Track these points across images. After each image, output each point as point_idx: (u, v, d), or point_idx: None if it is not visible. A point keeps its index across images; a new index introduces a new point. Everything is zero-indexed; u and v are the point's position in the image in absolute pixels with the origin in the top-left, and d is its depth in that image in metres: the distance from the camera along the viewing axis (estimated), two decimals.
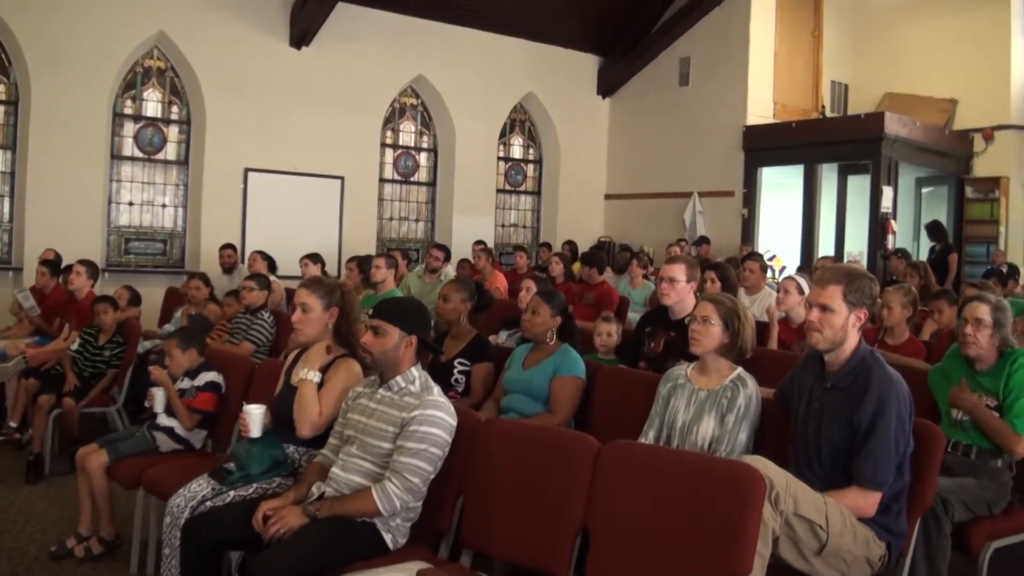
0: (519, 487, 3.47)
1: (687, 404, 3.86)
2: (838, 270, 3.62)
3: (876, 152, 12.89)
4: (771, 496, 3.07)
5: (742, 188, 14.39)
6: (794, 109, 15.02)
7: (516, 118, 16.13)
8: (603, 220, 16.74)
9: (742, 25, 14.40)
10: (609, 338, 5.83)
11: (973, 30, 14.43)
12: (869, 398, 3.33)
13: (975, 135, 14.39)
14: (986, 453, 4.21)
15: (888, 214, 13.02)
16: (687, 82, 15.39)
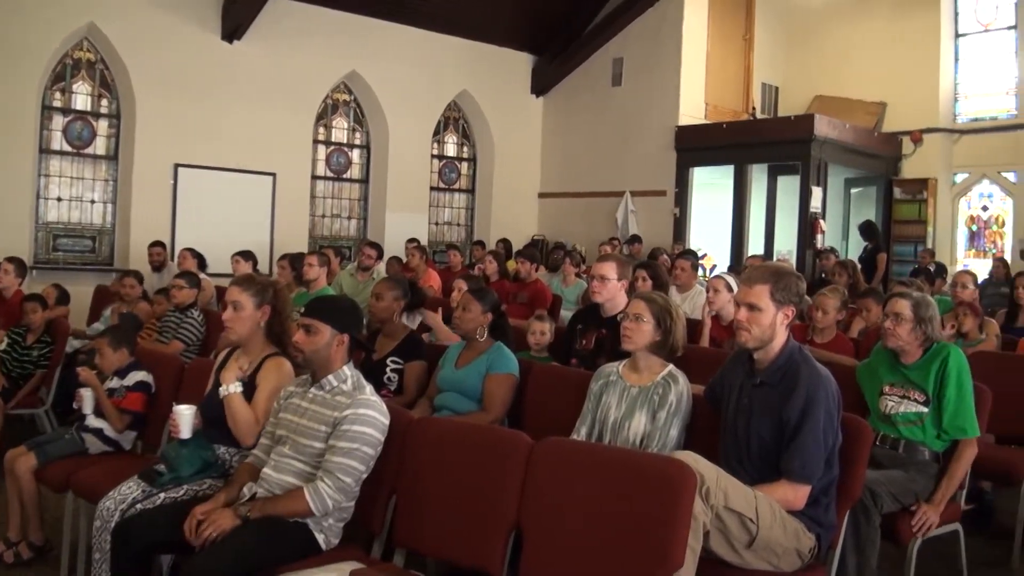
0: (452, 486, 3.47)
1: (619, 401, 3.90)
2: (765, 269, 3.66)
3: (806, 153, 13.13)
4: (702, 491, 3.11)
5: (674, 187, 14.55)
6: (725, 110, 15.20)
7: (450, 116, 16.12)
8: (537, 218, 16.81)
9: (675, 27, 14.55)
10: (542, 336, 5.86)
11: (903, 34, 14.76)
12: (798, 394, 3.39)
13: (904, 137, 14.74)
14: (913, 446, 4.32)
15: (817, 214, 13.26)
16: (620, 82, 15.51)
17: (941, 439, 4.32)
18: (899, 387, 4.46)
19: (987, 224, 14.71)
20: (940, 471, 4.27)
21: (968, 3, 14.86)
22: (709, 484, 3.14)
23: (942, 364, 4.35)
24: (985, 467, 4.90)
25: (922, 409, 4.35)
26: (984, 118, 14.59)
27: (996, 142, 14.24)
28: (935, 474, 4.27)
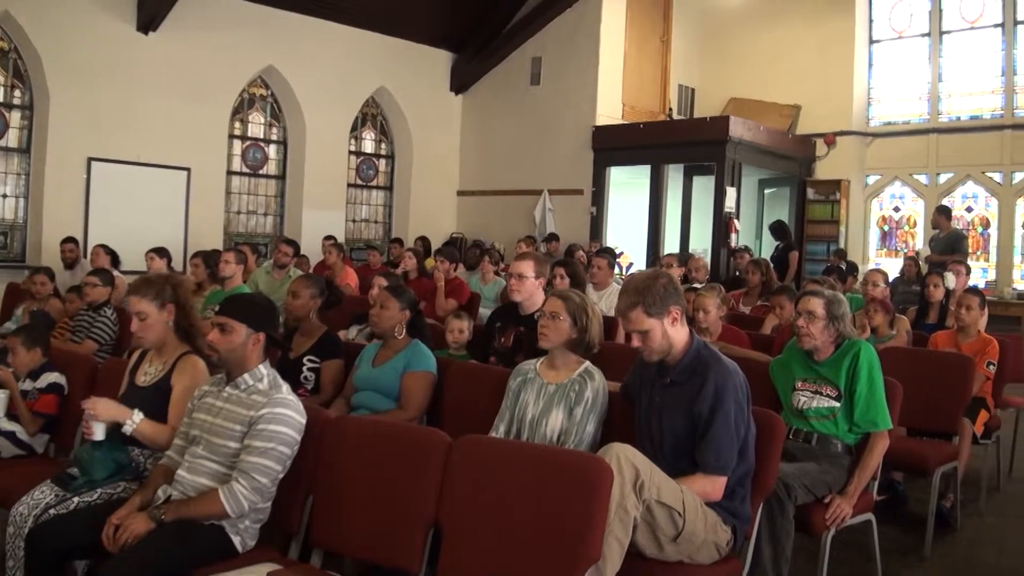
0: (370, 484, 3.46)
1: (536, 398, 3.92)
2: (630, 291, 3.57)
3: (721, 154, 13.34)
4: (636, 485, 3.16)
5: (591, 186, 14.68)
6: (642, 111, 15.36)
7: (368, 112, 16.03)
8: (455, 216, 16.80)
9: (592, 28, 14.67)
10: (460, 334, 5.86)
11: (818, 39, 15.11)
12: (707, 389, 3.45)
13: (817, 140, 15.11)
14: (826, 439, 4.42)
15: (731, 213, 13.48)
16: (538, 81, 15.58)
17: (853, 432, 4.43)
18: (811, 383, 4.56)
19: (899, 224, 15.13)
20: (852, 463, 4.38)
21: (883, 10, 15.31)
22: (644, 478, 3.19)
23: (853, 360, 4.46)
24: (897, 459, 5.08)
25: (834, 404, 4.46)
26: (897, 122, 15.04)
27: (908, 145, 14.68)
28: (847, 466, 4.38)
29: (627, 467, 3.16)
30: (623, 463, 3.16)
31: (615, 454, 3.17)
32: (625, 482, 3.15)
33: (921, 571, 5.03)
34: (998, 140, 13.87)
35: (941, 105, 14.65)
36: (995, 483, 6.70)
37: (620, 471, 3.14)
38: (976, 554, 5.34)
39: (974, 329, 6.44)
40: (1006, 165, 13.82)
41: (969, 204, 14.42)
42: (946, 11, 14.65)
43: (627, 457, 3.18)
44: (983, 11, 14.29)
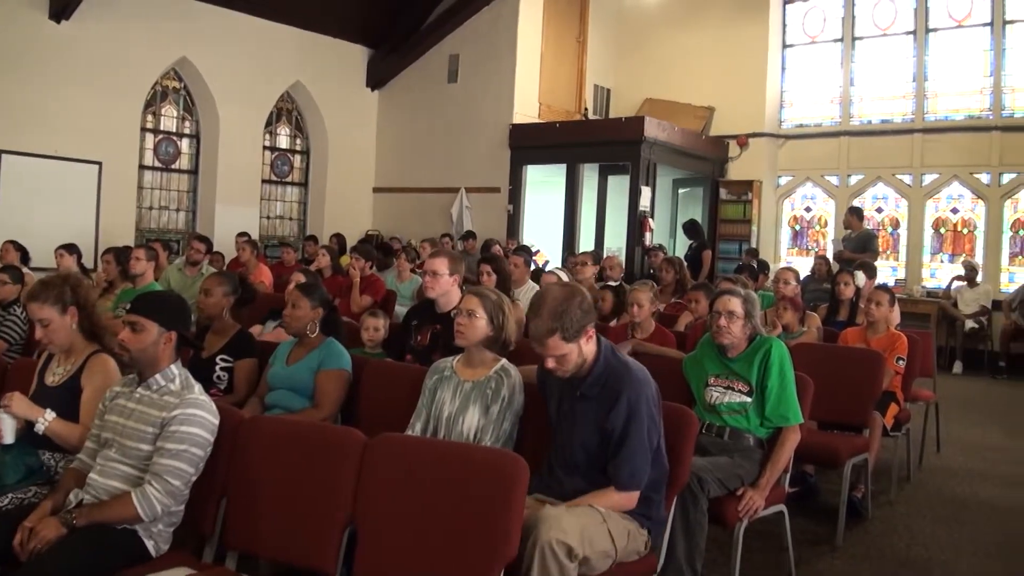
0: (285, 485, 3.41)
1: (453, 396, 3.90)
2: (545, 316, 3.42)
3: (635, 154, 13.46)
4: (572, 556, 3.12)
5: (508, 185, 14.70)
6: (558, 110, 15.44)
7: (283, 107, 15.87)
8: (371, 213, 16.69)
9: (510, 27, 14.71)
10: (376, 332, 5.82)
11: (732, 43, 15.37)
12: (620, 406, 3.42)
13: (730, 141, 15.37)
14: (738, 433, 4.50)
15: (646, 212, 13.61)
16: (456, 79, 15.58)
17: (765, 427, 4.51)
18: (724, 378, 4.63)
19: (810, 224, 15.45)
20: (764, 457, 4.46)
21: (796, 16, 15.64)
22: (573, 544, 3.14)
23: (765, 356, 4.54)
24: (808, 452, 5.21)
25: (746, 399, 4.53)
26: (809, 125, 15.36)
27: (819, 147, 15.04)
28: (760, 459, 4.45)
29: (559, 550, 3.10)
30: (556, 548, 3.09)
31: (542, 546, 3.09)
32: (563, 566, 3.10)
33: (833, 560, 5.12)
34: (908, 143, 14.28)
35: (853, 109, 15.05)
36: (905, 474, 6.88)
37: (554, 557, 3.08)
38: (887, 543, 5.48)
39: (883, 325, 6.59)
40: (916, 167, 14.22)
41: (880, 205, 14.80)
42: (859, 18, 15.06)
43: (557, 540, 3.10)
44: (895, 18, 14.70)
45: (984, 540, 5.61)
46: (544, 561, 3.06)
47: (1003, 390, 11.71)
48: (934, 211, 14.20)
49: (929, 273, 14.21)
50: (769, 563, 4.88)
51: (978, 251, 13.88)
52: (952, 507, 6.29)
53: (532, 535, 3.10)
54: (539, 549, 3.07)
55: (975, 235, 13.99)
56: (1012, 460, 7.78)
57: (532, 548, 3.08)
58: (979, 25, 13.97)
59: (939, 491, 6.70)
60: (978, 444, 8.32)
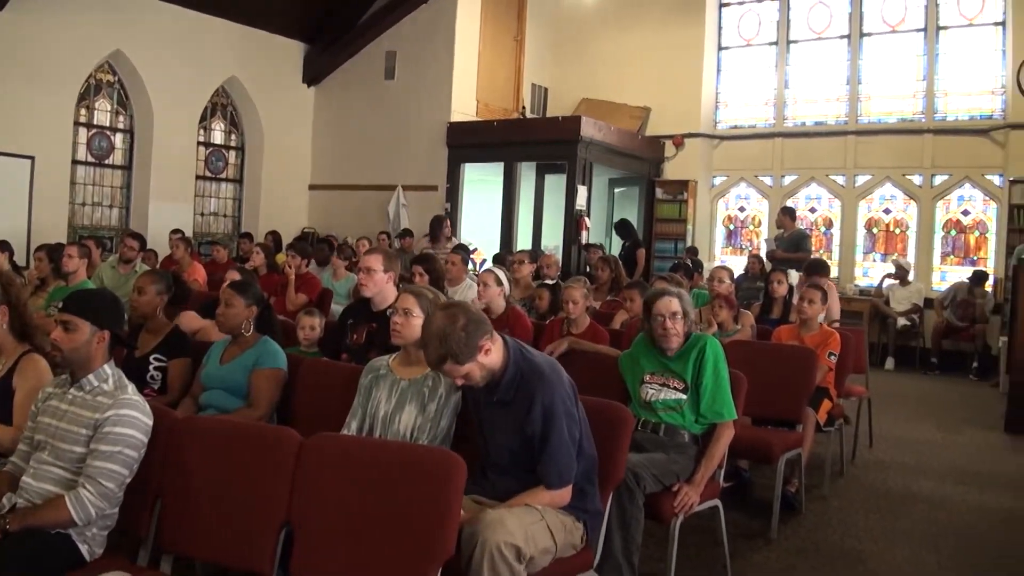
0: (220, 486, 3.37)
1: (389, 394, 3.88)
2: (432, 344, 3.37)
3: (572, 153, 13.51)
4: (520, 558, 3.14)
5: (445, 183, 14.67)
6: (496, 109, 15.45)
7: (218, 102, 15.65)
8: (307, 211, 16.56)
9: (447, 24, 14.68)
10: (312, 331, 5.78)
11: (668, 44, 15.53)
12: (535, 410, 3.41)
13: (666, 141, 15.52)
14: (674, 430, 4.55)
15: (582, 211, 13.68)
16: (393, 76, 15.51)
17: (699, 423, 4.57)
18: (659, 375, 4.68)
19: (744, 224, 15.65)
20: (699, 452, 4.52)
21: (732, 18, 15.85)
22: (520, 545, 3.16)
23: (700, 353, 4.61)
24: (742, 447, 5.28)
25: (680, 396, 4.59)
26: (744, 126, 15.57)
27: (754, 148, 15.26)
28: (695, 455, 4.51)
29: (508, 552, 3.11)
30: (504, 551, 3.10)
31: (491, 550, 3.09)
32: (512, 568, 3.11)
33: (767, 553, 5.20)
34: (841, 145, 14.56)
35: (787, 111, 15.29)
36: (838, 468, 7.01)
37: (503, 560, 3.09)
38: (820, 535, 5.58)
39: (816, 323, 6.69)
40: (849, 168, 14.51)
41: (813, 205, 15.05)
42: (794, 22, 15.32)
43: (506, 543, 3.12)
44: (830, 23, 14.96)
45: (917, 531, 5.74)
46: (494, 564, 3.07)
47: (935, 386, 11.94)
48: (867, 211, 14.48)
49: (862, 272, 14.49)
50: (704, 557, 4.95)
51: (910, 251, 14.18)
52: (885, 500, 6.43)
53: (478, 539, 3.10)
54: (488, 553, 3.07)
55: (907, 235, 14.30)
56: (944, 454, 7.96)
57: (480, 553, 3.08)
58: (913, 31, 14.29)
59: (872, 484, 6.83)
60: (910, 439, 8.50)
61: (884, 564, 5.14)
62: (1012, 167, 12.90)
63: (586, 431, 3.56)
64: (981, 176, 13.58)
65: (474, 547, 3.09)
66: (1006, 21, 13.46)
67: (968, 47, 13.89)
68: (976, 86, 13.80)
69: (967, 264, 13.74)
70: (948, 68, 14.02)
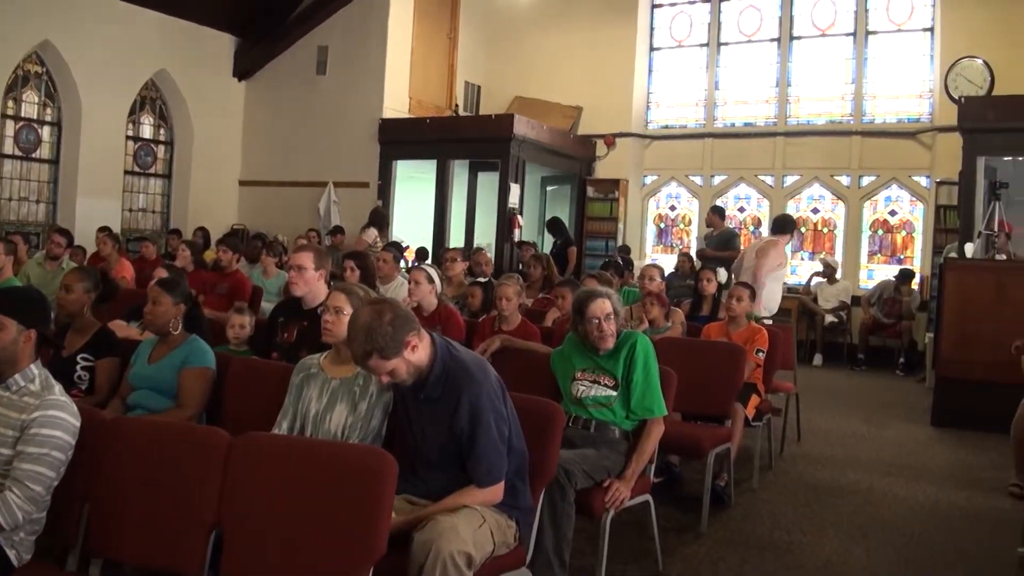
0: (148, 488, 3.32)
1: (320, 393, 3.85)
2: (358, 339, 3.34)
3: (505, 151, 13.57)
4: (471, 564, 3.15)
5: (377, 180, 14.62)
6: (429, 106, 15.44)
7: (147, 95, 15.38)
8: (237, 207, 16.37)
9: (380, 20, 14.63)
10: (242, 330, 5.73)
11: (600, 44, 15.67)
12: (462, 408, 3.41)
13: (598, 140, 15.64)
14: (604, 426, 4.60)
15: (515, 209, 13.73)
16: (325, 71, 15.42)
17: (630, 419, 4.63)
18: (591, 372, 4.72)
19: (674, 222, 15.82)
20: (630, 448, 4.57)
21: (663, 20, 16.04)
22: (472, 552, 3.17)
23: (630, 351, 4.66)
24: (673, 442, 5.36)
25: (611, 393, 4.64)
26: (674, 126, 15.74)
27: (684, 148, 15.47)
28: (625, 451, 4.56)
29: (460, 560, 3.12)
30: (457, 559, 3.10)
31: (444, 559, 3.08)
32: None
33: (698, 546, 5.26)
34: (771, 146, 14.79)
35: (717, 112, 15.51)
36: (767, 462, 7.12)
37: (456, 568, 3.09)
38: (750, 528, 5.67)
39: (744, 319, 6.79)
40: (778, 169, 14.77)
41: (742, 204, 15.26)
42: (724, 24, 15.54)
43: (459, 551, 3.12)
44: (760, 26, 15.20)
45: (845, 523, 5.85)
46: (446, 572, 3.07)
47: (862, 381, 12.19)
48: (795, 211, 14.65)
49: (790, 270, 14.67)
50: (636, 551, 4.99)
51: (838, 249, 14.48)
52: (813, 492, 6.55)
53: (431, 547, 3.09)
54: (440, 561, 3.07)
55: (835, 234, 14.61)
56: (871, 447, 8.14)
57: (433, 561, 3.07)
58: (842, 35, 14.61)
59: (800, 477, 6.96)
60: (838, 432, 8.67)
61: (812, 555, 5.23)
62: (939, 169, 13.19)
63: (516, 428, 3.57)
64: (908, 177, 13.92)
65: (427, 555, 3.09)
66: (934, 27, 13.80)
67: (897, 52, 14.24)
68: (904, 90, 14.15)
69: (894, 262, 14.06)
70: (876, 72, 14.36)
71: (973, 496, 6.59)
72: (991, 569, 5.18)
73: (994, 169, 11.61)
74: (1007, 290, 8.61)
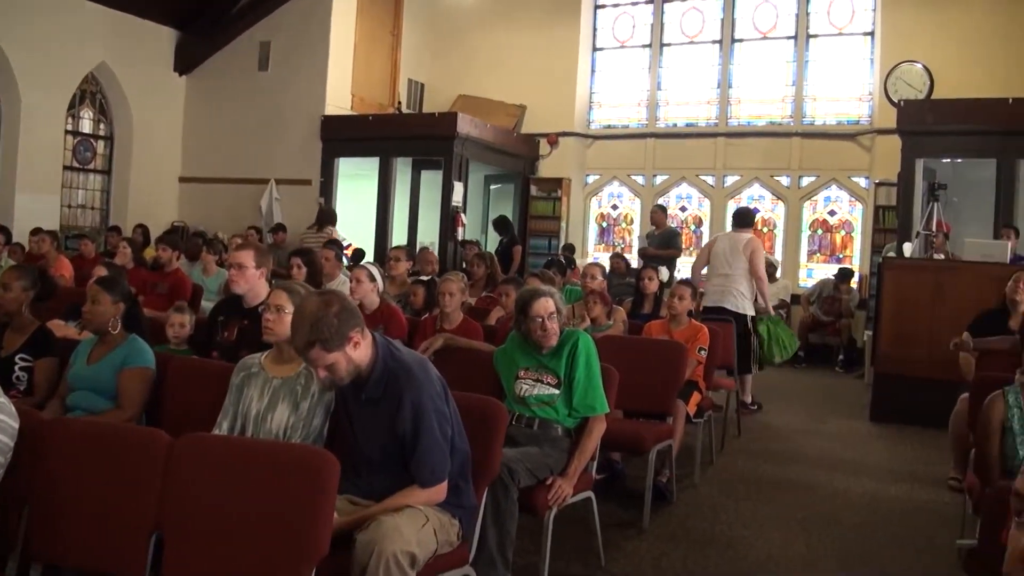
0: (89, 491, 3.28)
1: (261, 393, 3.83)
2: (302, 328, 3.32)
3: (448, 150, 13.60)
4: (414, 564, 3.15)
5: (319, 177, 14.54)
6: (372, 103, 15.38)
7: (87, 89, 15.09)
8: (177, 204, 16.16)
9: (323, 16, 14.56)
10: (182, 329, 5.66)
11: (544, 43, 15.73)
12: (404, 408, 3.40)
13: (541, 139, 15.69)
14: (547, 424, 4.63)
15: (458, 208, 13.75)
16: (267, 67, 15.29)
17: (572, 417, 4.66)
18: (534, 371, 4.74)
19: (616, 221, 15.91)
20: (572, 446, 4.61)
21: (607, 20, 16.13)
22: (416, 552, 3.17)
23: (572, 349, 4.70)
24: (615, 439, 5.38)
25: (554, 391, 4.67)
26: (616, 126, 15.84)
27: (626, 148, 15.58)
28: (568, 448, 4.60)
29: (404, 560, 3.11)
30: (401, 559, 3.10)
31: (387, 559, 3.07)
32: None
33: (639, 542, 5.31)
34: (712, 146, 14.95)
35: (659, 112, 15.65)
36: (708, 458, 7.19)
37: (399, 568, 3.08)
38: (692, 523, 5.73)
39: (685, 317, 6.86)
40: (719, 169, 14.95)
41: (683, 204, 15.42)
42: (667, 25, 15.68)
43: (402, 551, 3.11)
44: (702, 28, 15.36)
45: (785, 516, 5.95)
46: (389, 573, 3.07)
47: (801, 377, 12.35)
48: None
49: None
50: (579, 548, 5.02)
51: (778, 248, 14.65)
52: (754, 487, 6.64)
53: (374, 548, 3.08)
54: (383, 562, 3.06)
55: (775, 233, 14.79)
56: (810, 442, 8.26)
57: (376, 561, 3.06)
58: (783, 38, 14.82)
59: (741, 473, 7.05)
60: (778, 428, 8.82)
61: (754, 549, 5.30)
62: (877, 170, 13.40)
63: (458, 428, 3.58)
64: (847, 178, 14.16)
65: (370, 555, 3.08)
66: (875, 31, 14.04)
67: (837, 55, 14.47)
68: (844, 92, 14.38)
69: (833, 262, 14.30)
70: (817, 75, 14.59)
71: (912, 489, 6.72)
72: (931, 560, 5.28)
73: (933, 171, 11.86)
74: (944, 289, 8.77)
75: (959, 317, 7.33)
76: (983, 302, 7.28)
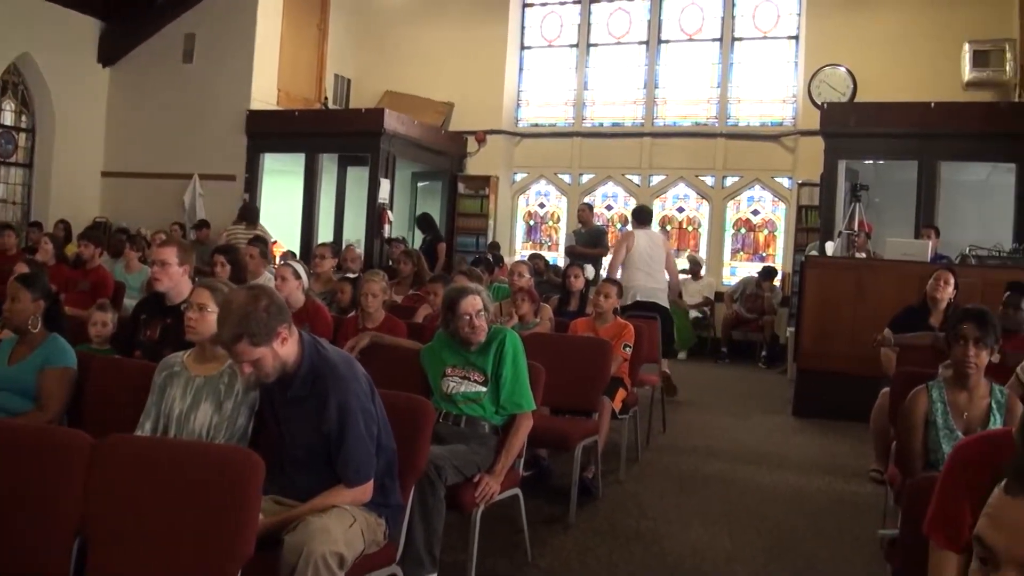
0: (10, 493, 3.21)
1: (184, 392, 3.78)
2: (229, 321, 3.28)
3: (375, 146, 13.55)
4: (343, 565, 3.14)
5: (244, 173, 14.39)
6: (297, 98, 15.25)
7: (9, 80, 14.73)
8: (100, 199, 15.86)
9: (248, 9, 14.39)
10: (104, 327, 5.57)
11: (472, 41, 15.77)
12: (330, 407, 3.39)
13: (469, 137, 15.72)
14: (474, 421, 4.65)
15: (385, 205, 13.71)
16: (191, 59, 15.07)
17: (499, 414, 4.69)
18: (461, 368, 4.76)
19: (543, 220, 15.99)
20: (499, 443, 4.63)
21: (534, 19, 16.23)
22: (344, 552, 3.16)
23: (499, 346, 4.73)
24: (541, 436, 5.38)
25: (480, 389, 4.69)
26: (544, 124, 15.92)
27: (553, 146, 15.69)
28: (495, 446, 4.62)
29: (332, 561, 3.10)
30: (329, 560, 3.08)
31: (316, 560, 3.05)
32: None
33: (566, 538, 5.35)
34: (638, 146, 15.10)
35: (586, 111, 15.78)
36: (634, 454, 7.25)
37: (327, 569, 3.07)
38: (617, 518, 5.78)
39: (611, 315, 6.92)
40: (644, 169, 15.12)
41: (609, 203, 15.55)
42: (595, 25, 15.83)
43: (331, 552, 3.10)
44: (629, 28, 15.52)
45: (710, 510, 6.03)
46: (318, 574, 3.06)
47: (725, 373, 12.55)
48: (661, 209, 15.06)
49: None
50: (506, 544, 5.05)
51: (702, 247, 14.87)
52: (679, 482, 6.73)
53: (303, 549, 3.07)
54: (312, 563, 3.05)
55: (699, 232, 15.02)
56: (734, 437, 8.39)
57: (304, 563, 3.05)
58: (709, 40, 15.03)
59: (666, 468, 7.13)
60: (702, 423, 8.93)
61: (679, 543, 5.37)
62: (800, 170, 13.66)
63: (385, 426, 3.58)
64: (771, 179, 14.41)
65: (298, 556, 3.06)
66: (799, 35, 14.33)
67: (762, 58, 14.73)
68: (768, 95, 14.65)
69: (756, 260, 14.55)
70: (742, 77, 14.85)
71: (834, 482, 6.87)
72: (853, 550, 5.39)
73: (855, 172, 12.11)
74: (865, 286, 8.98)
75: (880, 314, 7.51)
76: (904, 300, 7.46)
